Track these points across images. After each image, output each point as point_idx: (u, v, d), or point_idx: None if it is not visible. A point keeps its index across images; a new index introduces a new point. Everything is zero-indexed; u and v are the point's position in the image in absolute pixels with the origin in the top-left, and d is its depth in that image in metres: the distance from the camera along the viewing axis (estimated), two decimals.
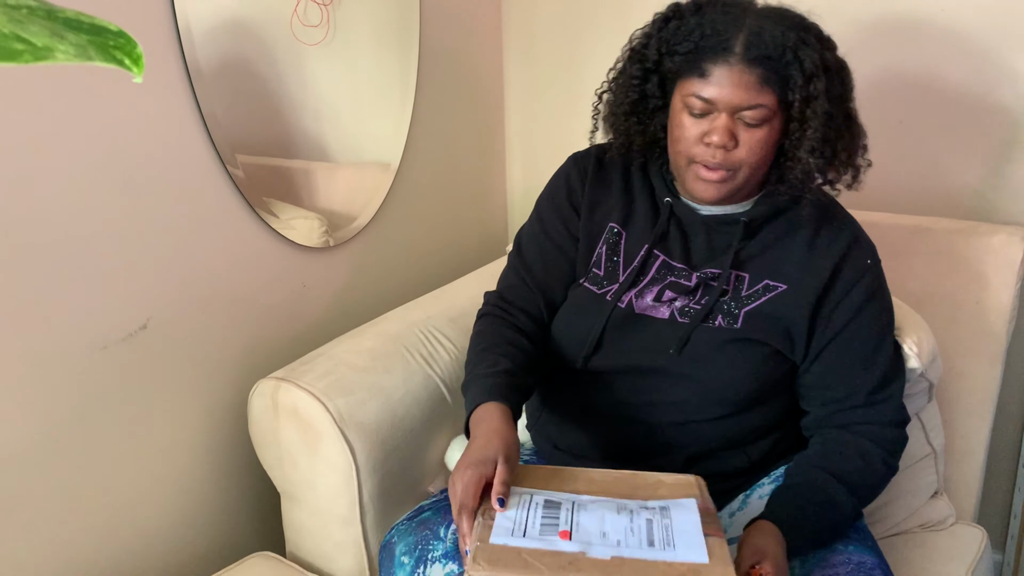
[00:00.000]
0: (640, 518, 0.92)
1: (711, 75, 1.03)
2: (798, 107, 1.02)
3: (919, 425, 1.34)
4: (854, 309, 1.10)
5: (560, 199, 1.23)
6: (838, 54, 1.08)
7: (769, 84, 1.02)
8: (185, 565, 1.36)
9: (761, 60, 1.01)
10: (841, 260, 1.11)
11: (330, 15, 1.45)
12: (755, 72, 1.01)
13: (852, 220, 1.16)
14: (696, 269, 1.14)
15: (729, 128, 1.03)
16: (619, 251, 1.18)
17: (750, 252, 1.13)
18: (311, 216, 1.50)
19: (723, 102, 1.03)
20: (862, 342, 1.11)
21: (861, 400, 1.10)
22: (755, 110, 1.02)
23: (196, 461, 1.36)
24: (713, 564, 0.85)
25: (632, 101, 1.13)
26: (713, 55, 1.03)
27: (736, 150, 1.05)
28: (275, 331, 1.45)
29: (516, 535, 0.89)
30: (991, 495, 1.63)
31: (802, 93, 1.02)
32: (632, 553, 0.87)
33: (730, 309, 1.12)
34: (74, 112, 1.11)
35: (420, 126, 1.69)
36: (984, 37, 1.49)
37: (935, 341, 1.28)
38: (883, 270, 1.15)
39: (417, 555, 1.12)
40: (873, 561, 1.03)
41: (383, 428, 1.28)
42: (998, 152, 1.53)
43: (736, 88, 1.02)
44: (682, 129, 1.07)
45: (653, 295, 1.15)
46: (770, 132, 1.05)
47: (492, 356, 1.12)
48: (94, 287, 1.17)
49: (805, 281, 1.11)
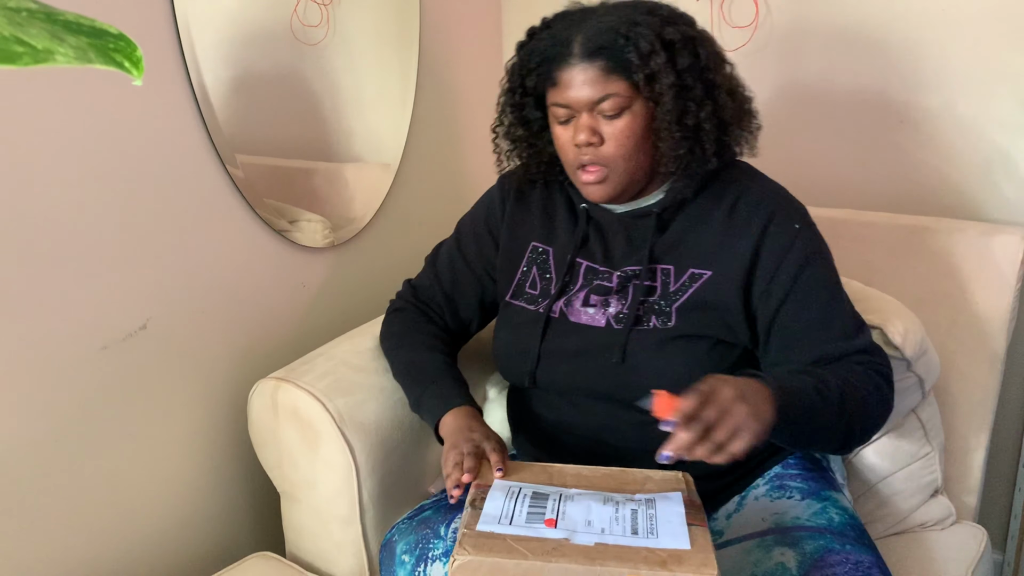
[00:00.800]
0: (625, 508, 0.94)
1: (560, 80, 1.08)
2: (644, 86, 1.05)
3: (919, 424, 1.34)
4: (792, 277, 1.09)
5: (479, 221, 1.29)
6: (693, 28, 1.10)
7: (613, 73, 1.05)
8: (185, 565, 1.36)
9: (598, 52, 1.05)
10: (762, 234, 1.10)
11: (330, 15, 1.45)
12: (596, 65, 1.05)
13: (773, 190, 1.15)
14: (616, 268, 1.16)
15: (590, 125, 1.08)
16: (549, 268, 1.21)
17: (668, 242, 1.14)
18: (311, 216, 1.50)
19: (576, 102, 1.07)
20: (812, 306, 1.09)
21: (835, 355, 1.08)
22: (608, 100, 1.06)
23: (196, 461, 1.36)
24: (694, 551, 0.86)
25: (518, 126, 1.18)
26: (558, 62, 1.08)
27: (604, 145, 1.08)
28: (275, 331, 1.45)
29: (503, 523, 0.91)
30: (991, 495, 1.64)
31: (644, 71, 1.04)
32: (616, 540, 0.88)
33: (662, 308, 1.12)
34: (74, 113, 1.11)
35: (420, 126, 1.69)
36: (984, 37, 1.49)
37: (926, 337, 1.28)
38: (818, 233, 1.13)
39: (418, 554, 1.12)
40: (871, 560, 1.03)
41: (383, 428, 1.28)
42: (998, 152, 1.53)
43: (583, 85, 1.06)
44: (557, 140, 1.13)
45: (580, 300, 1.16)
46: (633, 119, 1.07)
47: (428, 356, 1.24)
48: (94, 287, 1.17)
49: (729, 263, 1.10)
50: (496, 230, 1.27)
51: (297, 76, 1.43)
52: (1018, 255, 1.41)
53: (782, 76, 1.67)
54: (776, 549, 1.05)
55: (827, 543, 1.04)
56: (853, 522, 1.10)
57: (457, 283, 1.30)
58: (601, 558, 0.85)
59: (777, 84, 1.68)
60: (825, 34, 1.61)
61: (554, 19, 1.13)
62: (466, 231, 1.31)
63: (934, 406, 1.36)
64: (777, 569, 1.02)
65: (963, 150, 1.55)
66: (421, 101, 1.68)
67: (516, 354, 1.20)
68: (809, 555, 1.03)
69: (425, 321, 1.30)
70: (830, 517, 1.09)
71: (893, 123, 1.59)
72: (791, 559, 1.03)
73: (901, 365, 1.24)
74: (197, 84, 1.25)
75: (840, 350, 1.08)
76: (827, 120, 1.65)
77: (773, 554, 1.04)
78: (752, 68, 1.69)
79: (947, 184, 1.58)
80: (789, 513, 1.11)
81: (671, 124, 1.06)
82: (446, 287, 1.30)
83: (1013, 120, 1.50)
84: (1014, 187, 1.53)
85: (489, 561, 0.85)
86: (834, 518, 1.09)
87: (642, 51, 1.04)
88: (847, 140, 1.64)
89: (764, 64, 1.68)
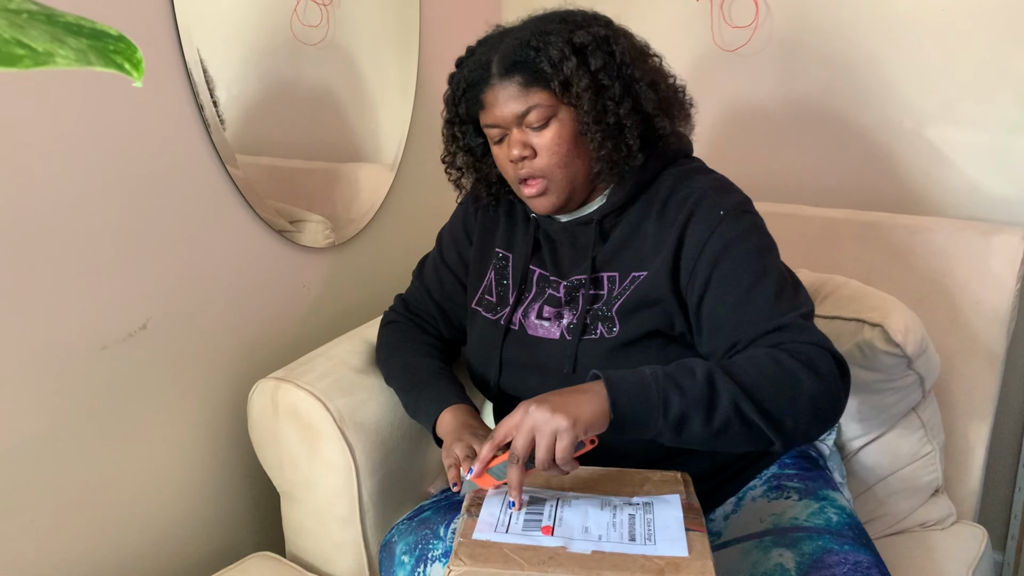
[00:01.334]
0: (623, 513, 0.94)
1: (486, 102, 1.11)
2: (562, 92, 1.07)
3: (920, 424, 1.34)
4: (712, 262, 1.05)
5: (457, 228, 1.32)
6: (607, 28, 1.11)
7: (532, 85, 1.07)
8: (185, 565, 1.36)
9: (513, 68, 1.08)
10: (687, 222, 1.08)
11: (330, 15, 1.45)
12: (513, 80, 1.08)
13: (707, 183, 1.12)
14: (564, 278, 1.17)
15: (521, 140, 1.10)
16: (507, 274, 1.23)
17: (610, 250, 1.15)
18: (312, 216, 1.50)
19: (503, 119, 1.10)
20: (730, 293, 1.04)
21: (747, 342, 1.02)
22: (532, 112, 1.08)
23: (196, 461, 1.36)
24: (692, 557, 0.86)
25: (462, 154, 1.22)
26: (481, 85, 1.11)
27: (537, 158, 1.10)
28: (275, 331, 1.45)
29: (499, 531, 0.91)
30: (991, 495, 1.64)
31: (558, 79, 1.06)
32: (612, 547, 0.88)
33: (605, 314, 1.12)
34: (75, 114, 1.11)
35: (420, 126, 1.69)
36: (984, 38, 1.49)
37: (926, 336, 1.28)
38: (754, 220, 1.09)
39: (417, 554, 1.12)
40: (869, 560, 1.03)
41: (383, 428, 1.28)
42: (998, 152, 1.53)
43: (505, 102, 1.09)
44: (496, 159, 1.15)
45: (535, 312, 1.18)
46: (561, 127, 1.09)
47: (424, 361, 1.26)
48: (94, 287, 1.17)
49: (658, 258, 1.10)
50: (472, 232, 1.29)
51: (297, 76, 1.43)
52: (1018, 255, 1.41)
53: (782, 76, 1.67)
54: (774, 550, 1.05)
55: (825, 543, 1.04)
56: (851, 522, 1.10)
57: (445, 290, 1.31)
58: (598, 567, 0.85)
59: (776, 84, 1.68)
60: (825, 35, 1.61)
61: (477, 45, 1.16)
62: (446, 239, 1.33)
63: (935, 405, 1.36)
64: (776, 570, 1.02)
65: (963, 151, 1.55)
66: (421, 101, 1.68)
67: (482, 364, 1.23)
68: (807, 555, 1.03)
69: (419, 331, 1.32)
70: (828, 517, 1.09)
71: (894, 123, 1.59)
72: (789, 560, 1.03)
73: (902, 363, 1.24)
74: (197, 84, 1.25)
75: (750, 335, 1.02)
76: (827, 119, 1.65)
77: (771, 555, 1.04)
78: (752, 68, 1.69)
79: (947, 184, 1.58)
80: (787, 513, 1.11)
81: (591, 125, 1.07)
82: (436, 296, 1.32)
83: (1013, 120, 1.50)
84: (1014, 187, 1.53)
85: (485, 572, 0.85)
86: (832, 518, 1.09)
87: (553, 59, 1.06)
88: (847, 139, 1.64)
89: (764, 64, 1.68)
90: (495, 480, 0.98)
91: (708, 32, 1.70)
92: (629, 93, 1.09)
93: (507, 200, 1.26)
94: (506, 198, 1.26)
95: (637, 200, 1.14)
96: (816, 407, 0.97)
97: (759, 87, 1.70)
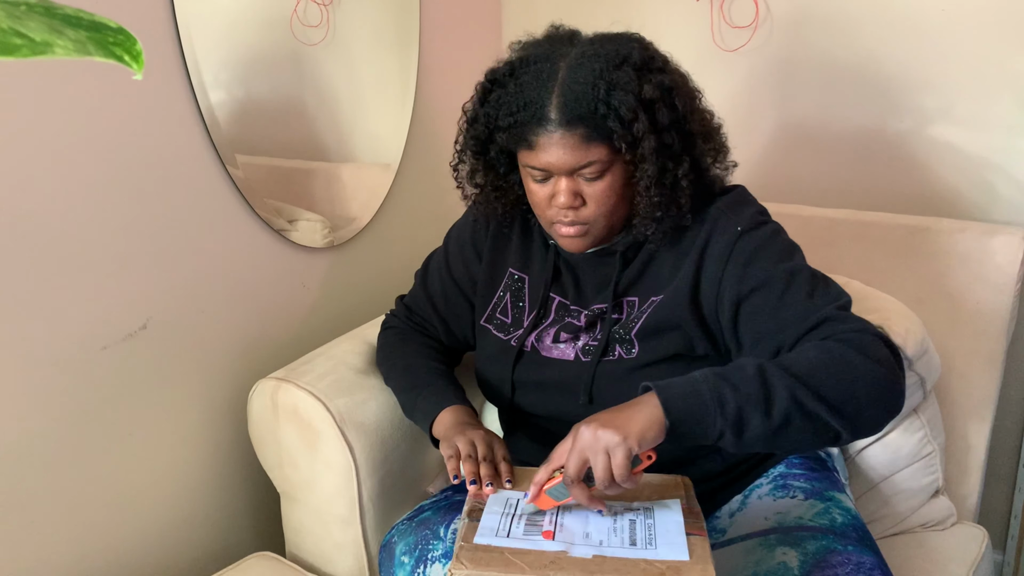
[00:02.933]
0: (624, 519, 0.94)
1: (537, 145, 1.03)
2: (627, 152, 1.02)
3: (921, 424, 1.34)
4: (739, 278, 1.05)
5: (465, 240, 1.28)
6: (666, 71, 1.06)
7: (594, 140, 1.02)
8: (185, 565, 1.36)
9: (577, 121, 1.01)
10: (705, 244, 1.08)
11: (330, 15, 1.45)
12: (576, 133, 1.01)
13: (720, 203, 1.11)
14: (586, 307, 1.16)
15: (571, 189, 1.05)
16: (523, 296, 1.21)
17: (631, 277, 1.14)
18: (311, 216, 1.50)
19: (555, 167, 1.03)
20: (764, 303, 1.03)
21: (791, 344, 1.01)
22: (589, 167, 1.03)
23: (196, 461, 1.36)
24: (693, 562, 0.86)
25: (483, 172, 1.15)
26: (533, 126, 1.03)
27: (584, 208, 1.06)
28: (275, 331, 1.45)
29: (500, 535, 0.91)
30: (991, 495, 1.63)
31: (627, 140, 1.01)
32: (614, 552, 0.88)
33: (624, 336, 1.12)
34: (74, 113, 1.11)
35: (420, 126, 1.69)
36: (984, 38, 1.49)
37: (927, 336, 1.28)
38: (773, 229, 1.09)
39: (417, 555, 1.12)
40: (873, 561, 1.02)
41: (383, 428, 1.28)
42: (998, 152, 1.53)
43: (564, 152, 1.02)
44: (532, 195, 1.09)
45: (551, 337, 1.17)
46: (613, 179, 1.05)
47: (424, 362, 1.25)
48: (94, 287, 1.17)
49: (677, 282, 1.09)
50: (481, 247, 1.26)
51: (297, 76, 1.43)
52: (1018, 255, 1.40)
53: (782, 76, 1.67)
54: (778, 548, 1.05)
55: (829, 543, 1.04)
56: (856, 523, 1.10)
57: (449, 304, 1.29)
58: (599, 571, 0.85)
59: (777, 84, 1.68)
60: (825, 35, 1.61)
61: (520, 67, 1.06)
62: (453, 248, 1.29)
63: (935, 406, 1.36)
64: (779, 568, 1.02)
65: (963, 151, 1.55)
66: (421, 101, 1.68)
67: (494, 382, 1.22)
68: (811, 555, 1.03)
69: (420, 334, 1.32)
70: (833, 517, 1.09)
71: (894, 123, 1.59)
72: (793, 559, 1.02)
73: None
74: (197, 84, 1.25)
75: (793, 336, 1.01)
76: (827, 120, 1.65)
77: (775, 553, 1.04)
78: (752, 68, 1.69)
79: (947, 184, 1.58)
80: (792, 513, 1.11)
81: (650, 186, 1.04)
82: (439, 308, 1.30)
83: (1013, 120, 1.50)
84: (1014, 187, 1.53)
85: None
86: (837, 518, 1.09)
87: (624, 119, 1.00)
88: (847, 140, 1.64)
89: (764, 64, 1.68)
90: (554, 500, 0.96)
91: (708, 32, 1.70)
92: (687, 151, 1.06)
93: (522, 218, 1.23)
94: (521, 216, 1.22)
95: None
96: (875, 390, 0.94)
97: (759, 87, 1.70)
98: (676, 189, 1.06)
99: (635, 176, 1.05)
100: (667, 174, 1.04)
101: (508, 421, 1.28)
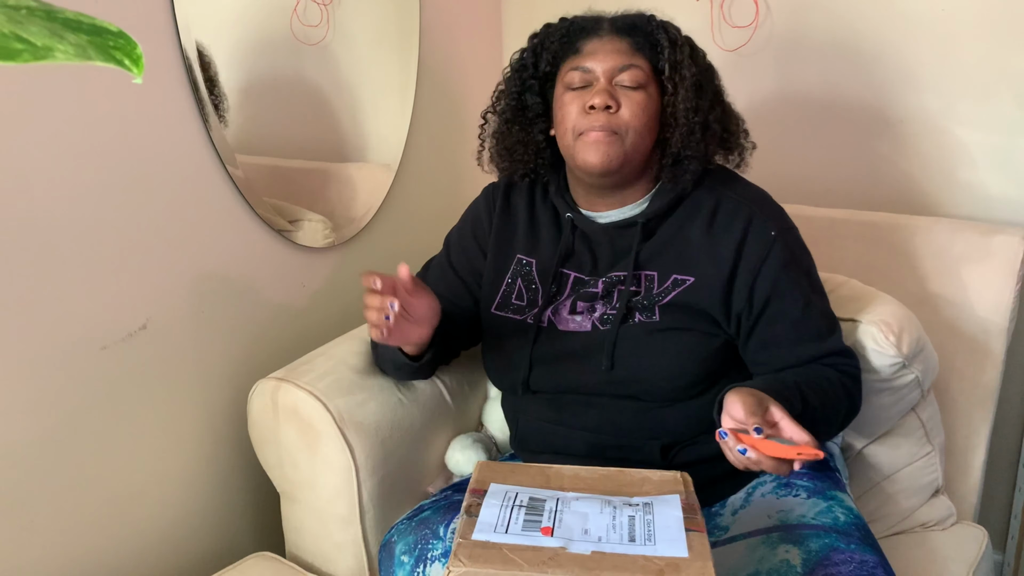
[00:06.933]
0: (623, 514, 0.93)
1: (584, 49, 1.12)
2: (668, 71, 1.09)
3: (919, 424, 1.34)
4: (771, 282, 1.11)
5: (466, 233, 1.31)
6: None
7: (640, 50, 1.11)
8: (185, 565, 1.36)
9: (629, 29, 1.11)
10: (741, 242, 1.12)
11: (330, 15, 1.45)
12: (625, 40, 1.11)
13: (750, 197, 1.17)
14: (603, 276, 1.17)
15: (608, 91, 1.09)
16: (533, 279, 1.22)
17: (652, 250, 1.16)
18: (311, 216, 1.50)
19: (599, 67, 1.10)
20: (787, 313, 1.12)
21: (806, 359, 1.12)
22: (630, 71, 1.09)
23: (196, 461, 1.36)
24: (692, 558, 0.86)
25: (513, 110, 1.20)
26: (586, 33, 1.13)
27: (619, 112, 1.09)
28: (275, 331, 1.45)
29: (498, 531, 0.90)
30: (991, 495, 1.63)
31: (671, 57, 1.10)
32: (612, 548, 0.87)
33: (646, 306, 1.14)
34: (74, 113, 1.11)
35: (420, 126, 1.69)
36: (984, 38, 1.49)
37: (924, 335, 1.28)
38: (796, 235, 1.17)
39: (417, 554, 1.12)
40: (875, 560, 1.03)
41: (383, 428, 1.28)
42: (998, 152, 1.53)
43: (609, 53, 1.10)
44: (565, 108, 1.12)
45: (567, 308, 1.18)
46: (648, 99, 1.10)
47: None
48: (94, 287, 1.17)
49: (710, 271, 1.13)
50: (484, 240, 1.28)
51: (297, 76, 1.43)
52: (1018, 255, 1.40)
53: (782, 76, 1.67)
54: (781, 546, 1.05)
55: (832, 542, 1.05)
56: (858, 522, 1.10)
57: (450, 296, 1.29)
58: (598, 568, 0.85)
59: (777, 84, 1.68)
60: (825, 34, 1.61)
61: (573, 18, 1.17)
62: (454, 244, 1.32)
63: (934, 406, 1.36)
64: (782, 566, 1.02)
65: (963, 150, 1.55)
66: (421, 101, 1.68)
67: (508, 363, 1.21)
68: (814, 553, 1.04)
69: None
70: (835, 516, 1.09)
71: (894, 122, 1.59)
72: (796, 556, 1.03)
73: (898, 363, 1.24)
74: (197, 84, 1.25)
75: (811, 353, 1.12)
76: (827, 120, 1.65)
77: (778, 551, 1.04)
78: (752, 68, 1.69)
79: (947, 184, 1.58)
80: (795, 511, 1.11)
81: (686, 112, 1.09)
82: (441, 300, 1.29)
83: (1013, 120, 1.50)
84: (1014, 187, 1.53)
85: (484, 572, 0.84)
86: (839, 517, 1.09)
87: (672, 38, 1.10)
88: (847, 140, 1.64)
89: (764, 64, 1.68)
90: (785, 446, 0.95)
91: (708, 32, 1.70)
92: (718, 103, 1.15)
93: (528, 197, 1.25)
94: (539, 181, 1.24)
95: (679, 206, 1.16)
96: (843, 425, 1.15)
97: (759, 87, 1.70)
98: (706, 131, 1.12)
99: (668, 109, 1.11)
100: (699, 112, 1.10)
101: (515, 406, 1.28)
